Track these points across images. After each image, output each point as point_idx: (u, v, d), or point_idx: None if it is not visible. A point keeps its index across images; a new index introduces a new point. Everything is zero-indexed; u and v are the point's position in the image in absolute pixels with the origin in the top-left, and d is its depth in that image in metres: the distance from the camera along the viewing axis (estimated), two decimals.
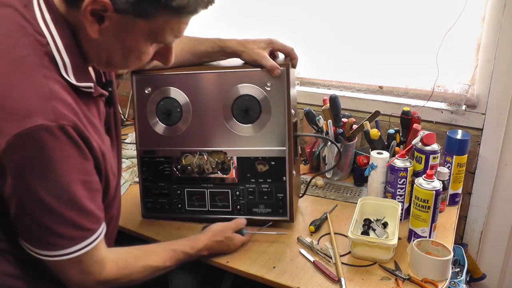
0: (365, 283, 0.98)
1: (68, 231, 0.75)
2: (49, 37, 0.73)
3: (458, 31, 1.38)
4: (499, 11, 1.32)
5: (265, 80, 1.08)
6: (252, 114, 1.11)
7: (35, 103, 0.68)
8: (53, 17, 0.74)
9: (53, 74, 0.72)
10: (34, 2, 0.75)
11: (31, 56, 0.71)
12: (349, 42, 1.58)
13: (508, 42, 1.33)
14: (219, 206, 1.18)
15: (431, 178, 1.08)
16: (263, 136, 1.12)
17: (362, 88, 1.61)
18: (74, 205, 0.74)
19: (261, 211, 1.16)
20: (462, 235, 1.55)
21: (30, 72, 0.70)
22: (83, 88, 0.77)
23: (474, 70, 1.41)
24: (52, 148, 0.68)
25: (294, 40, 1.65)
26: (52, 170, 0.70)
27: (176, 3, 0.71)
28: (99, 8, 0.70)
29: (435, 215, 1.08)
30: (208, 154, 1.16)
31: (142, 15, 0.72)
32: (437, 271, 0.99)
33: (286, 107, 1.09)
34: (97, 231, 0.79)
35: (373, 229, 1.15)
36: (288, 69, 1.07)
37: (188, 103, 1.13)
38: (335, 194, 1.40)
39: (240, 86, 1.10)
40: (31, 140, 0.67)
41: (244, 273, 1.03)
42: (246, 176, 1.15)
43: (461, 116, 1.46)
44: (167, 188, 1.20)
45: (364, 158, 1.43)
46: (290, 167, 1.13)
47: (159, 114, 1.15)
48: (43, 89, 0.69)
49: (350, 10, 1.55)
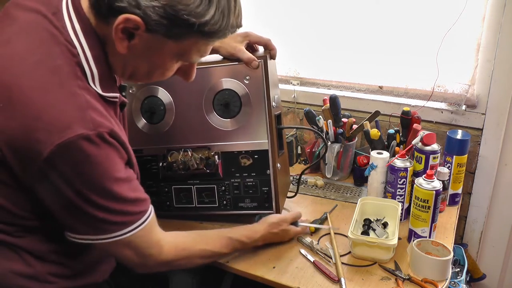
0: (365, 283, 0.98)
1: (119, 218, 0.79)
2: (79, 47, 0.74)
3: (458, 31, 1.38)
4: (499, 11, 1.32)
5: (244, 73, 1.09)
6: (232, 108, 1.12)
7: (73, 113, 0.70)
8: (83, 27, 0.75)
9: (85, 85, 0.74)
10: (63, 11, 0.75)
11: (65, 66, 0.73)
12: (349, 42, 1.58)
13: (508, 42, 1.33)
14: (206, 202, 1.19)
15: (431, 178, 1.08)
16: (245, 130, 1.12)
17: (362, 88, 1.61)
18: (120, 199, 0.77)
19: (247, 205, 1.17)
20: (462, 235, 1.55)
21: (66, 82, 0.72)
22: (109, 98, 0.79)
23: (474, 70, 1.41)
24: (93, 154, 0.71)
25: (294, 40, 1.66)
26: (97, 173, 0.73)
27: (208, 29, 0.73)
28: (130, 26, 0.71)
29: (435, 215, 1.08)
30: (193, 150, 1.16)
31: (172, 36, 0.74)
32: (437, 271, 0.99)
33: (266, 99, 1.09)
34: (146, 212, 0.83)
35: (373, 229, 1.15)
36: (266, 61, 1.08)
37: (171, 101, 1.15)
38: (335, 194, 1.40)
39: (220, 81, 1.11)
40: (74, 149, 0.69)
41: (244, 273, 1.03)
42: (231, 171, 1.16)
43: (461, 116, 1.46)
44: (155, 186, 1.21)
45: (364, 158, 1.43)
46: (274, 160, 1.13)
47: (144, 113, 1.17)
48: (79, 99, 0.72)
49: (350, 10, 1.55)
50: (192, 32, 0.73)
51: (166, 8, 0.69)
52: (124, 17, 0.70)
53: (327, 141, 1.43)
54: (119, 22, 0.70)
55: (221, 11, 0.73)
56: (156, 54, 0.77)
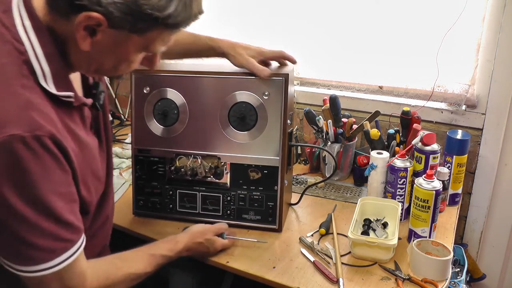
0: (365, 283, 0.98)
1: (47, 242, 0.72)
2: (28, 44, 0.71)
3: (458, 31, 1.38)
4: (499, 11, 1.32)
5: (263, 88, 1.09)
6: (248, 122, 1.11)
7: (11, 113, 0.66)
8: (34, 24, 0.72)
9: (31, 84, 0.70)
10: (13, 9, 0.72)
11: (9, 65, 0.69)
12: (349, 42, 1.58)
13: (508, 42, 1.33)
14: (209, 209, 1.19)
15: (431, 178, 1.08)
16: (258, 144, 1.12)
17: (362, 88, 1.61)
18: (52, 217, 0.71)
19: (250, 217, 1.17)
20: (462, 235, 1.55)
21: (8, 81, 0.68)
22: (62, 97, 0.75)
23: (474, 70, 1.41)
24: (27, 159, 0.66)
25: (294, 40, 1.66)
26: (28, 181, 0.67)
27: (172, 21, 0.72)
28: (93, 24, 0.69)
29: (435, 215, 1.08)
30: (202, 158, 1.16)
31: (137, 31, 0.72)
32: (437, 271, 0.99)
33: (282, 118, 1.09)
34: (77, 242, 0.76)
35: (373, 229, 1.15)
36: (287, 79, 1.07)
37: (185, 105, 1.14)
38: (335, 194, 1.40)
39: (238, 93, 1.11)
40: (5, 150, 0.64)
41: (244, 273, 1.03)
42: (238, 183, 1.16)
43: (461, 116, 1.46)
44: (160, 188, 1.20)
45: (364, 158, 1.43)
46: (282, 177, 1.13)
47: (156, 114, 1.16)
48: (19, 99, 0.67)
49: (350, 10, 1.55)
50: (156, 25, 0.72)
51: (128, 4, 0.68)
52: (85, 15, 0.68)
53: (327, 141, 1.44)
54: (80, 21, 0.68)
55: (183, 2, 0.72)
56: (121, 48, 0.75)
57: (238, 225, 1.17)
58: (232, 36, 1.14)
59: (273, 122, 1.10)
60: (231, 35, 1.15)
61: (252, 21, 1.71)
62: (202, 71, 1.14)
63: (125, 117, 2.09)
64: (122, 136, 1.86)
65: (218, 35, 1.13)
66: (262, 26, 1.69)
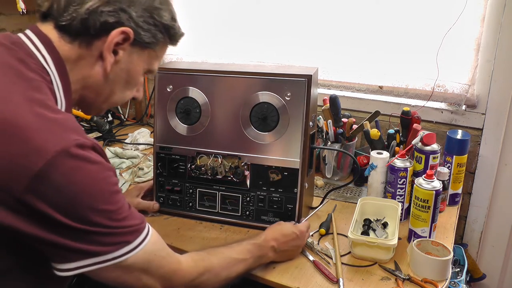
0: (365, 283, 0.98)
1: (132, 221, 0.72)
2: (52, 74, 0.72)
3: (458, 31, 1.38)
4: (499, 11, 1.32)
5: (285, 89, 1.09)
6: (269, 123, 1.11)
7: (55, 135, 0.64)
8: (53, 56, 0.72)
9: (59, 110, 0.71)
10: (27, 42, 0.71)
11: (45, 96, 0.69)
12: (349, 42, 1.58)
13: (508, 42, 1.33)
14: (228, 209, 1.19)
15: (431, 178, 1.08)
16: (279, 146, 1.12)
17: (362, 88, 1.61)
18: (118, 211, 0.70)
19: (269, 219, 1.16)
20: (462, 235, 1.55)
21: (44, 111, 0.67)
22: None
23: (474, 70, 1.41)
24: (79, 172, 0.65)
25: (294, 40, 1.66)
26: (89, 190, 0.66)
27: (174, 32, 0.81)
28: (120, 41, 0.72)
29: (435, 215, 1.08)
30: (223, 157, 1.17)
31: (152, 44, 0.77)
32: (437, 271, 0.99)
33: (304, 119, 1.09)
34: (146, 224, 0.76)
35: (373, 229, 1.15)
36: (310, 80, 1.07)
37: (208, 104, 1.15)
38: (335, 194, 1.40)
39: (260, 93, 1.11)
40: (58, 170, 0.63)
41: None
42: (258, 184, 1.16)
43: (461, 116, 1.46)
44: (180, 185, 1.21)
45: (364, 158, 1.43)
46: (302, 180, 1.13)
47: (178, 113, 1.17)
48: (58, 123, 0.67)
49: (350, 10, 1.55)
50: (167, 36, 0.80)
51: (153, 15, 0.75)
52: (118, 31, 0.71)
53: (327, 141, 1.43)
54: (112, 38, 0.71)
55: (174, 14, 0.81)
56: (134, 66, 0.78)
57: (256, 226, 1.16)
58: (233, 38, 1.14)
59: (295, 123, 1.10)
60: (232, 36, 1.14)
61: (252, 21, 1.71)
62: (225, 70, 1.15)
63: (125, 117, 2.09)
64: (122, 136, 1.86)
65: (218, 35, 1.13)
66: (263, 26, 1.69)
